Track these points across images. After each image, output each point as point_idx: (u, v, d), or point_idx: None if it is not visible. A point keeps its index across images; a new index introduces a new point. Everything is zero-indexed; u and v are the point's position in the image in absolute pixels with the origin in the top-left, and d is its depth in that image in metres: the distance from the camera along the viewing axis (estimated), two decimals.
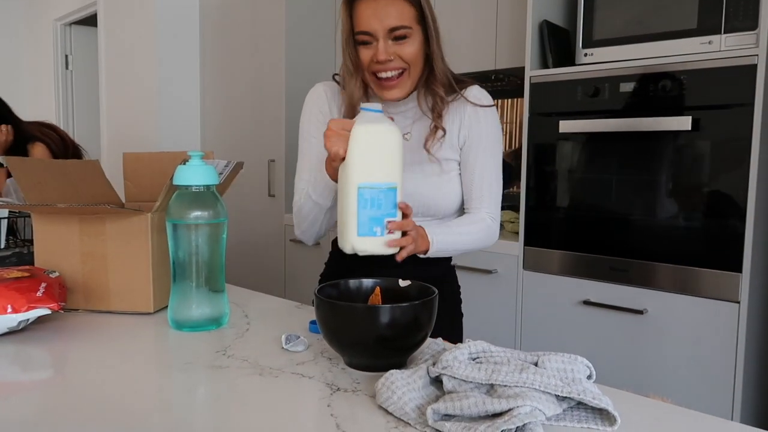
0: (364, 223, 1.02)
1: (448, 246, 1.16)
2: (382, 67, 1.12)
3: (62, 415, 0.69)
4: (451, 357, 0.71)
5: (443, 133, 1.20)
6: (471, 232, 1.20)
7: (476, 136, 1.22)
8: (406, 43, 1.12)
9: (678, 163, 1.72)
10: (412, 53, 1.13)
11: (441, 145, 1.21)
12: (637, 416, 0.69)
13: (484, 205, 1.23)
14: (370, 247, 1.03)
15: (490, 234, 1.23)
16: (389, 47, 1.11)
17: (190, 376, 0.81)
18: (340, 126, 1.02)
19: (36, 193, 1.14)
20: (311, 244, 1.27)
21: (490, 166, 1.23)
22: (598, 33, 1.92)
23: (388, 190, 1.02)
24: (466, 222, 1.22)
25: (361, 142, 1.02)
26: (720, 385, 1.66)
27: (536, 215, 2.03)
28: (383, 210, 1.02)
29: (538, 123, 2.00)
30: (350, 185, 1.02)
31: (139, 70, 3.40)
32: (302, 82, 2.85)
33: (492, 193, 1.24)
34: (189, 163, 1.01)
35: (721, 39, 1.66)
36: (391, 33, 1.11)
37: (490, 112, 1.24)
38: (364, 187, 1.01)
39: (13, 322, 0.94)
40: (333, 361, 0.86)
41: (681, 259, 1.72)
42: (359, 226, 1.02)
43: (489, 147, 1.23)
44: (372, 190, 1.01)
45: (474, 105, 1.21)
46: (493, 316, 2.14)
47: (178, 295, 1.01)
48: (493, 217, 1.24)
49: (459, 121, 1.22)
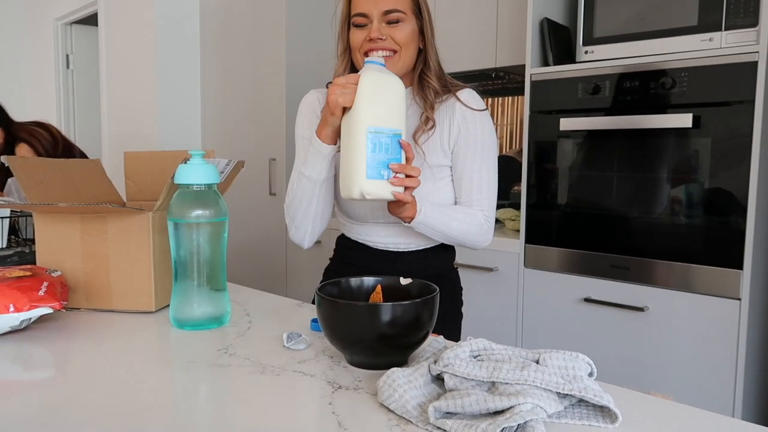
0: (372, 165, 1.04)
1: (435, 222, 1.16)
2: (374, 46, 1.15)
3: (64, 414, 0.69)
4: (453, 355, 0.71)
5: (433, 124, 1.20)
6: (461, 220, 1.20)
7: (466, 138, 1.21)
8: (399, 26, 1.16)
9: (679, 160, 1.72)
10: (404, 37, 1.16)
11: (432, 148, 1.21)
12: (639, 413, 0.69)
13: (476, 207, 1.22)
14: (378, 189, 1.05)
15: (481, 231, 1.22)
16: (383, 28, 1.15)
17: (191, 375, 0.81)
18: (344, 80, 1.05)
19: (37, 193, 1.14)
20: (306, 246, 1.25)
21: (483, 170, 1.22)
22: (598, 30, 1.92)
23: (394, 136, 1.06)
24: (459, 210, 1.22)
25: (371, 88, 1.05)
26: (721, 382, 1.67)
27: (537, 213, 2.03)
28: (390, 154, 1.05)
29: (539, 121, 2.00)
30: (359, 130, 1.04)
31: (139, 70, 3.40)
32: (302, 80, 2.86)
33: (484, 197, 1.23)
34: (190, 162, 1.01)
35: (722, 36, 1.66)
36: (386, 16, 1.14)
37: (482, 115, 1.23)
38: (373, 131, 1.04)
39: (15, 321, 0.94)
40: (334, 359, 0.87)
41: (682, 256, 1.72)
42: (368, 168, 1.04)
43: (480, 150, 1.22)
44: (380, 135, 1.04)
45: (465, 107, 1.21)
46: (494, 313, 2.14)
47: (180, 293, 1.01)
48: (486, 218, 1.23)
49: (449, 122, 1.22)
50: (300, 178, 1.17)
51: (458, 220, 1.19)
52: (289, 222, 1.23)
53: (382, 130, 1.04)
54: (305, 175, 1.15)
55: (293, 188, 1.19)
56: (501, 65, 2.36)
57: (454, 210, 1.21)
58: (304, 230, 1.22)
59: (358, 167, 1.03)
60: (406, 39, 1.16)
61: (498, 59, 2.35)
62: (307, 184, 1.16)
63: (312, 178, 1.15)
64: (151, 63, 3.30)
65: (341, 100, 1.04)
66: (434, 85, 1.20)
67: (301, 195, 1.18)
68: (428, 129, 1.20)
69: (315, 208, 1.19)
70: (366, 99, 1.04)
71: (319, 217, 1.21)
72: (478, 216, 1.21)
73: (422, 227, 1.15)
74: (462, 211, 1.21)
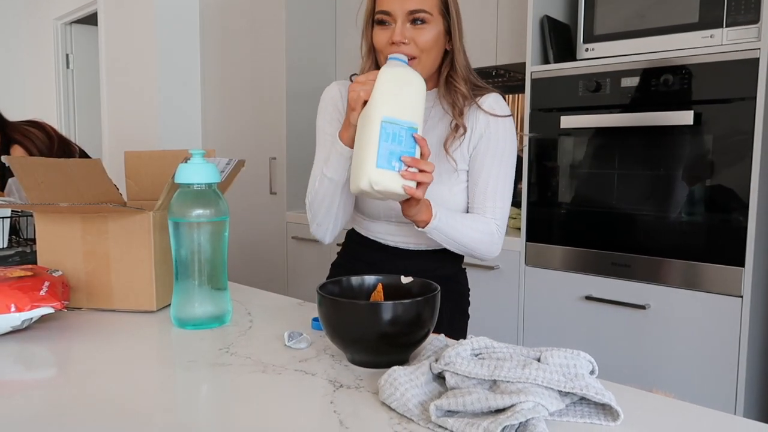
0: (383, 155, 1.00)
1: (449, 229, 1.12)
2: (396, 50, 1.10)
3: (66, 414, 0.69)
4: (454, 353, 0.71)
5: (464, 131, 1.17)
6: (475, 228, 1.16)
7: (486, 144, 1.18)
8: (425, 28, 1.11)
9: (680, 157, 1.71)
10: (428, 41, 1.11)
11: (459, 148, 1.18)
12: (640, 411, 0.69)
13: (488, 215, 1.18)
14: (387, 180, 1.00)
15: (492, 242, 1.19)
16: (406, 30, 1.11)
17: (193, 374, 0.81)
18: (364, 77, 1.03)
19: (38, 193, 1.14)
20: (327, 241, 1.23)
21: (500, 177, 1.19)
22: (599, 28, 1.92)
23: (410, 129, 1.02)
24: (474, 218, 1.18)
25: (388, 79, 1.02)
26: (723, 380, 1.66)
27: (538, 211, 2.03)
28: (403, 147, 1.01)
29: (540, 119, 2.00)
30: (374, 119, 1.01)
31: (139, 69, 3.40)
32: (303, 80, 2.87)
33: (498, 206, 1.19)
34: (190, 161, 1.01)
35: (723, 33, 1.66)
36: (410, 15, 1.10)
37: (504, 122, 1.19)
38: (387, 121, 1.00)
39: (16, 321, 0.94)
40: (336, 358, 0.86)
41: (683, 253, 1.72)
42: (378, 157, 0.99)
43: (498, 156, 1.18)
44: (395, 126, 1.00)
45: (487, 114, 1.18)
46: (495, 312, 2.14)
47: (181, 293, 1.01)
48: (498, 228, 1.19)
49: (471, 126, 1.19)
50: (322, 179, 1.15)
51: (472, 228, 1.16)
52: (311, 219, 1.21)
53: (398, 122, 1.01)
54: (327, 176, 1.13)
55: (315, 187, 1.17)
56: (501, 63, 2.35)
57: (468, 218, 1.17)
58: (325, 228, 1.21)
59: (369, 156, 0.99)
60: (428, 43, 1.12)
61: (498, 57, 2.35)
62: (329, 185, 1.14)
63: (334, 180, 1.13)
64: (152, 62, 3.30)
65: (362, 94, 1.02)
66: (462, 89, 1.16)
67: (323, 194, 1.16)
68: (459, 136, 1.17)
69: (337, 207, 1.17)
70: (382, 90, 1.01)
71: (341, 215, 1.19)
72: (491, 225, 1.18)
73: (435, 233, 1.12)
74: (476, 219, 1.18)
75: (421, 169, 1.00)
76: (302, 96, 2.86)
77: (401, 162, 1.00)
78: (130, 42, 3.46)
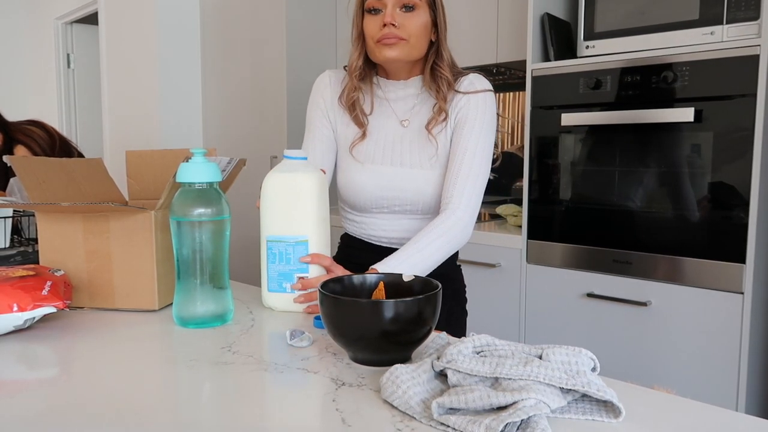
0: (273, 278, 1.00)
1: (420, 265, 1.10)
2: (387, 34, 1.16)
3: (68, 413, 0.69)
4: (456, 351, 0.71)
5: (446, 115, 1.21)
6: (438, 235, 1.13)
7: (464, 116, 1.21)
8: (413, 15, 1.16)
9: (681, 154, 1.71)
10: (417, 26, 1.16)
11: (443, 131, 1.22)
12: (642, 408, 0.69)
13: (454, 200, 1.16)
14: (282, 302, 1.02)
15: (459, 230, 1.16)
16: (396, 15, 1.16)
17: (195, 373, 0.81)
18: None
19: (39, 192, 1.14)
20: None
21: (472, 147, 1.19)
22: (599, 25, 1.91)
23: (297, 244, 0.99)
24: (430, 231, 1.14)
25: (270, 192, 1.00)
26: (724, 376, 1.67)
27: (539, 209, 2.03)
28: (293, 265, 0.99)
29: (540, 116, 2.00)
30: (261, 239, 1.01)
31: (140, 68, 3.40)
32: (303, 78, 2.86)
33: (468, 185, 1.17)
34: (192, 160, 1.01)
35: (723, 29, 1.66)
36: (400, 1, 1.16)
37: (482, 96, 1.22)
38: (272, 240, 0.99)
39: (18, 320, 0.94)
40: (338, 356, 0.87)
41: (684, 250, 1.72)
42: (269, 281, 1.00)
43: (476, 127, 1.20)
44: (280, 244, 0.99)
45: (467, 93, 1.22)
46: (496, 309, 2.14)
47: (183, 292, 1.02)
48: (464, 211, 1.16)
49: (452, 112, 1.23)
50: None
51: (436, 242, 1.13)
52: None
53: (284, 239, 0.99)
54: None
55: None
56: (502, 61, 2.35)
57: (424, 237, 1.13)
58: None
59: (263, 279, 1.01)
60: (418, 29, 1.17)
61: (499, 55, 2.35)
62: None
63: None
64: (152, 61, 3.30)
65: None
66: (447, 75, 1.21)
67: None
68: (441, 120, 1.21)
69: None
70: (266, 207, 0.99)
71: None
72: (450, 218, 1.15)
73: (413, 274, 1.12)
74: (432, 229, 1.14)
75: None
76: (303, 95, 2.84)
77: (293, 282, 1.01)
78: (131, 41, 3.46)
